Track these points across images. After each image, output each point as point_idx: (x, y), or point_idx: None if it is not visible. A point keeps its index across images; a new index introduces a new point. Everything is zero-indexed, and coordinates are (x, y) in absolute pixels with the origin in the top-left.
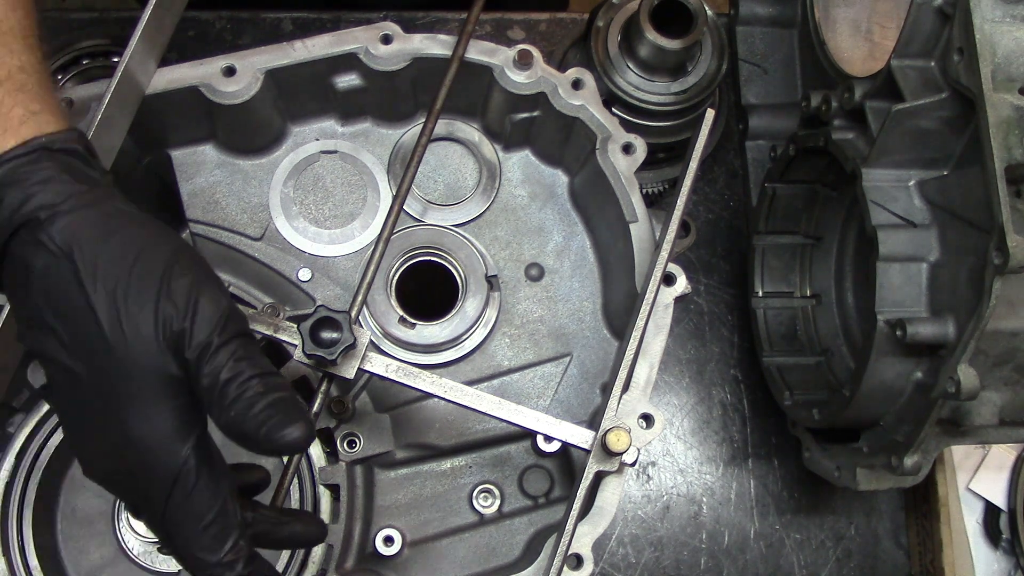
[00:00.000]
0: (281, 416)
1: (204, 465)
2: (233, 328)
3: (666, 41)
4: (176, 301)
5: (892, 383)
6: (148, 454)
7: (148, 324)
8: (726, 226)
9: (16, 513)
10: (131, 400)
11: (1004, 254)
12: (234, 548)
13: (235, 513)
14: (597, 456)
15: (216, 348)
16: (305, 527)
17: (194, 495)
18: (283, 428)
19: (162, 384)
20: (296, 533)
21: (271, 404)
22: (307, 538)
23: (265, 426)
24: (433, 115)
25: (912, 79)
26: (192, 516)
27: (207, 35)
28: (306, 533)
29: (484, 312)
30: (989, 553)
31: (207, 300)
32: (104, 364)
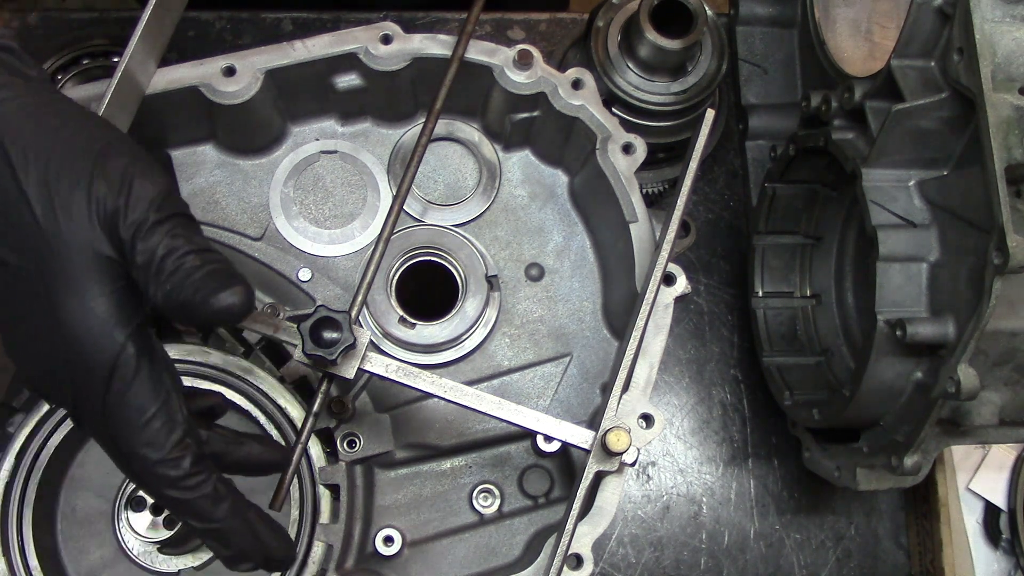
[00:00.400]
0: (218, 282)
1: (144, 356)
2: (170, 207)
3: (666, 41)
4: (110, 180)
5: (892, 383)
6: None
7: (81, 204)
8: (726, 226)
9: (16, 513)
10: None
11: (1004, 254)
12: (180, 444)
13: (180, 409)
14: (597, 456)
15: (152, 225)
16: (264, 449)
17: (134, 385)
18: (219, 292)
19: (97, 267)
20: (253, 455)
21: (208, 274)
22: (265, 461)
23: (201, 292)
24: (433, 115)
25: (912, 79)
26: (133, 409)
27: (207, 35)
28: (264, 456)
29: (484, 312)
30: (989, 553)
31: (143, 179)
32: (37, 250)
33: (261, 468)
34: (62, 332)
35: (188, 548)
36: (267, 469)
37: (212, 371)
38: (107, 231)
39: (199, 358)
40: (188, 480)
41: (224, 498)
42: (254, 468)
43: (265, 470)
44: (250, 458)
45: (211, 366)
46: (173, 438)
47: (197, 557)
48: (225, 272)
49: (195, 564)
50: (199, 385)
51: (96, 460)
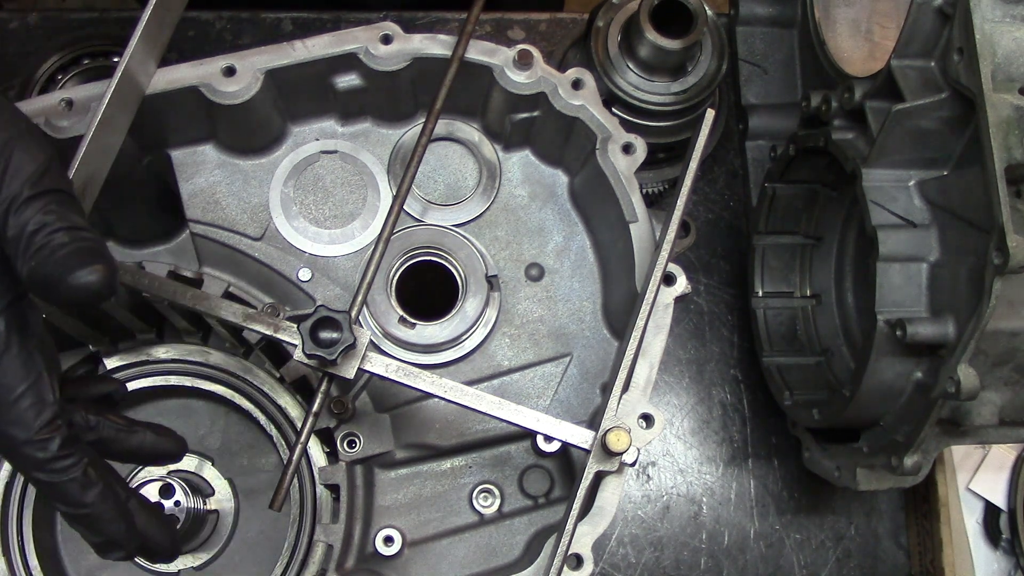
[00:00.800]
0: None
1: (15, 334)
2: (48, 183)
3: (666, 41)
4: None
5: (892, 383)
6: None
7: None
8: (726, 226)
9: (16, 513)
10: None
11: (1004, 254)
12: (49, 426)
13: (52, 391)
14: (597, 456)
15: (25, 200)
16: (157, 438)
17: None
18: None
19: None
20: (148, 442)
21: (72, 251)
22: (160, 450)
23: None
24: (433, 115)
25: (912, 79)
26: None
27: (207, 35)
28: (158, 444)
29: (484, 312)
30: (989, 553)
31: (22, 154)
32: None
33: (155, 457)
34: None
35: (188, 548)
36: (161, 458)
37: (212, 371)
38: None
39: (199, 358)
40: (56, 463)
41: (94, 483)
42: (147, 457)
43: (159, 459)
44: (143, 446)
45: (211, 366)
46: (42, 419)
47: (197, 557)
48: (90, 251)
49: (195, 564)
50: (159, 383)
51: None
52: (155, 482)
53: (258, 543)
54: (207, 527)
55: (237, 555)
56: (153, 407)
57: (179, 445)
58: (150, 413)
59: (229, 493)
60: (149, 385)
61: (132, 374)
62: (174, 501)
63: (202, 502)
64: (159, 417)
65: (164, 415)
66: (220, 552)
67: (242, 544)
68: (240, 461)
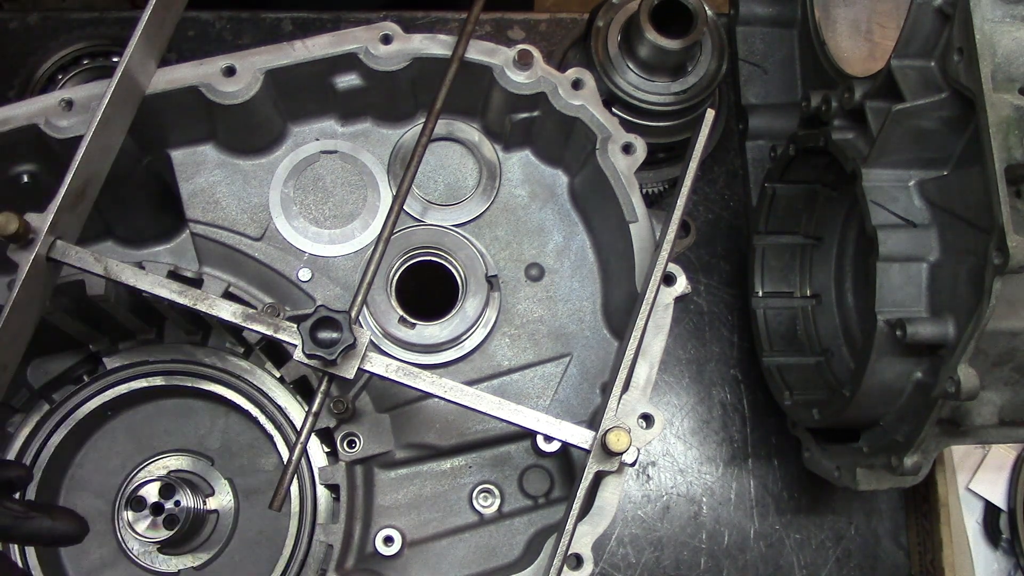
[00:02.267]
0: None
1: None
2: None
3: (666, 41)
4: None
5: (892, 383)
6: None
7: None
8: (726, 226)
9: None
10: None
11: (1004, 254)
12: None
13: None
14: (597, 456)
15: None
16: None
17: None
18: None
19: None
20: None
21: None
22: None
23: None
24: (433, 115)
25: (912, 79)
26: None
27: (207, 35)
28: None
29: (484, 312)
30: (989, 553)
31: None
32: None
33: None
34: None
35: (188, 548)
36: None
37: (212, 371)
38: None
39: (199, 358)
40: None
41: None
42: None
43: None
44: (41, 531)
45: (211, 366)
46: None
47: (197, 557)
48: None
49: (195, 564)
50: (159, 383)
51: (96, 460)
52: (155, 482)
53: (258, 543)
54: (207, 527)
55: (237, 555)
56: (153, 407)
57: (78, 527)
58: (150, 413)
59: (229, 493)
60: (149, 385)
61: (132, 374)
62: (174, 501)
63: (202, 502)
64: (159, 417)
65: (164, 415)
66: (220, 552)
67: (242, 544)
68: (240, 461)
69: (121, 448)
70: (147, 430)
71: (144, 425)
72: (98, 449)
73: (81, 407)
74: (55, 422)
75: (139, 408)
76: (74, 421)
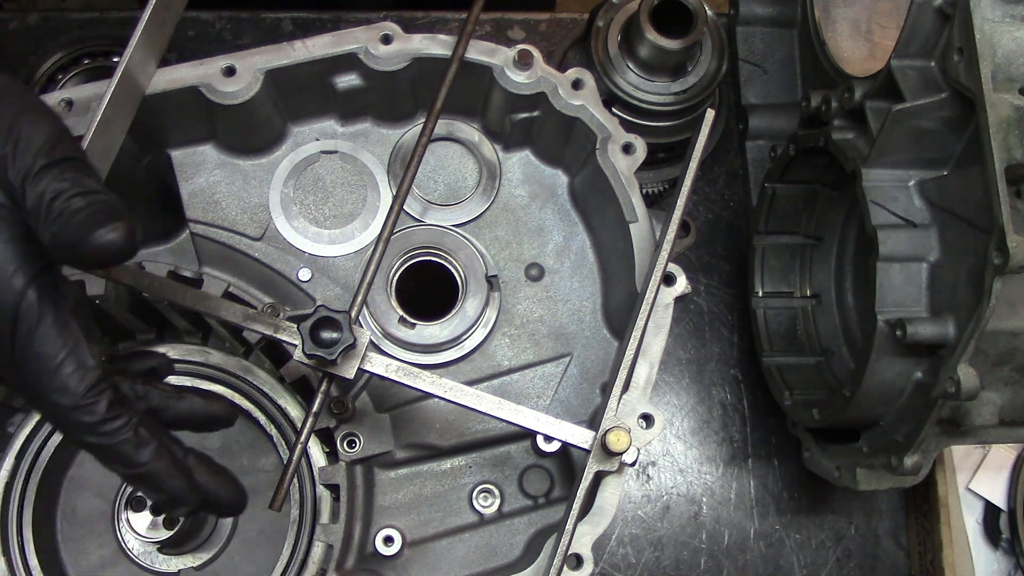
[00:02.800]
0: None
1: (48, 304)
2: (61, 152)
3: (666, 41)
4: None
5: (892, 383)
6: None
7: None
8: (726, 226)
9: (16, 513)
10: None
11: (1004, 254)
12: (93, 390)
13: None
14: (597, 456)
15: (40, 170)
16: (206, 402)
17: (39, 332)
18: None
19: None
20: (198, 407)
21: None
22: (209, 415)
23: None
24: (433, 115)
25: (912, 79)
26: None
27: (207, 35)
28: (207, 409)
29: (484, 312)
30: (989, 553)
31: (31, 126)
32: None
33: (206, 423)
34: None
35: (188, 548)
36: (212, 424)
37: (212, 371)
38: None
39: (199, 358)
40: (105, 425)
41: (148, 441)
42: (198, 423)
43: (210, 425)
44: (193, 412)
45: (211, 366)
46: (85, 383)
47: (197, 557)
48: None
49: (195, 564)
50: (200, 384)
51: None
52: None
53: (258, 543)
54: (207, 527)
55: (237, 555)
56: None
57: (229, 410)
58: None
59: None
60: None
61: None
62: None
63: None
64: None
65: None
66: (220, 552)
67: (242, 544)
68: (240, 461)
69: None
70: None
71: None
72: None
73: None
74: None
75: None
76: None
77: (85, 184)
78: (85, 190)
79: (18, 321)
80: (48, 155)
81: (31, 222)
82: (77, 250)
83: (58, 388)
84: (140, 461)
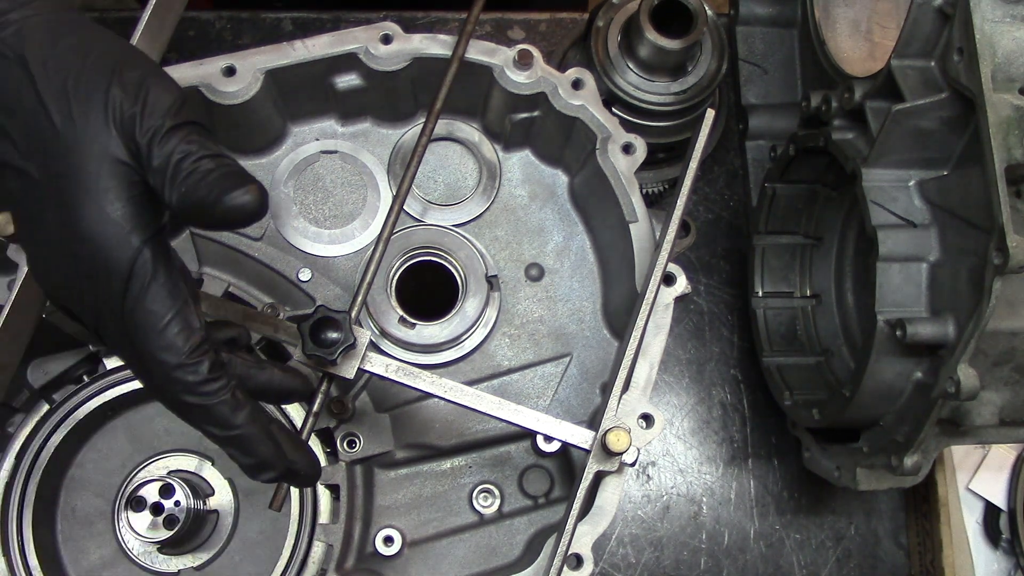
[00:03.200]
0: (233, 182)
1: (161, 263)
2: (187, 114)
3: (666, 41)
4: (127, 89)
5: (892, 383)
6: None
7: (98, 111)
8: (726, 226)
9: (16, 513)
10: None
11: (1004, 254)
12: (197, 350)
13: (197, 317)
14: (597, 456)
15: (168, 131)
16: (285, 375)
17: (151, 290)
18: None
19: (114, 173)
20: (275, 380)
21: (222, 175)
22: (287, 387)
23: (215, 192)
24: (433, 115)
25: (912, 79)
26: (150, 314)
27: (207, 35)
28: (286, 382)
29: (484, 312)
30: (989, 553)
31: (159, 88)
32: (56, 158)
33: (283, 394)
34: (81, 238)
35: (188, 548)
36: (289, 396)
37: None
38: (124, 137)
39: None
40: (206, 386)
41: (244, 405)
42: (276, 394)
43: (287, 397)
44: (272, 383)
45: None
46: (191, 343)
47: (197, 557)
48: (239, 174)
49: (195, 564)
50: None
51: (96, 460)
52: (155, 482)
53: (258, 543)
54: (207, 527)
55: (237, 555)
56: (153, 407)
57: (305, 383)
58: (150, 413)
59: (229, 493)
60: None
61: (132, 374)
62: (174, 501)
63: (202, 502)
64: (159, 417)
65: (164, 415)
66: (220, 552)
67: (242, 544)
68: None
69: (121, 448)
70: (147, 430)
71: (144, 425)
72: (98, 449)
73: (81, 407)
74: (55, 422)
75: (139, 408)
76: (74, 421)
77: (211, 148)
78: (213, 153)
79: (132, 278)
80: (176, 117)
81: (154, 182)
82: (208, 211)
83: (165, 346)
84: (236, 423)
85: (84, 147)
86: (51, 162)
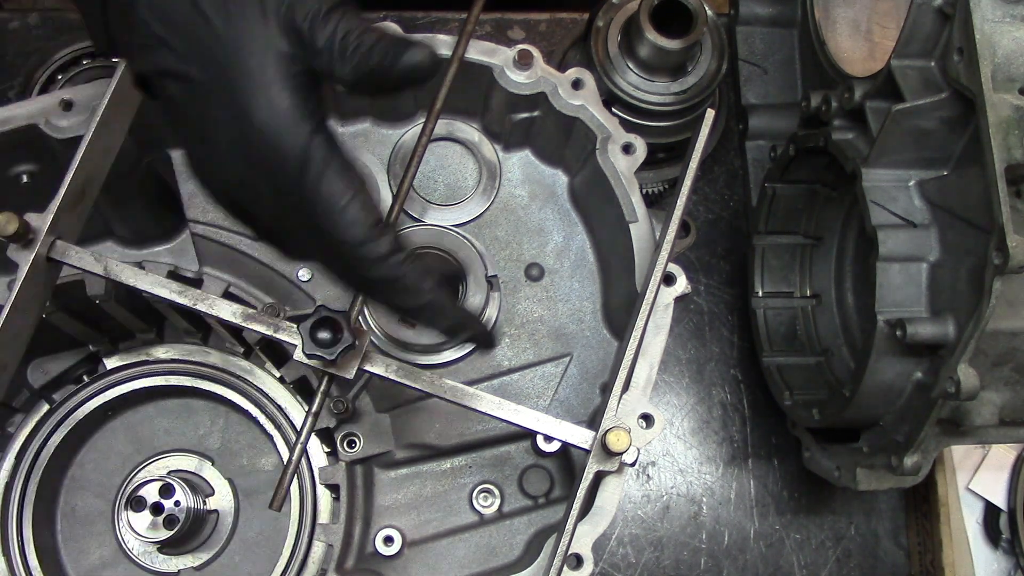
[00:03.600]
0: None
1: (334, 147)
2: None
3: (666, 41)
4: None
5: (892, 383)
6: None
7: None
8: (726, 226)
9: (16, 513)
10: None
11: (1004, 254)
12: (380, 225)
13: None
14: (597, 456)
15: (326, 13)
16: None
17: (328, 173)
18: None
19: (277, 63)
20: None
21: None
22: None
23: (388, 57)
24: (433, 115)
25: (912, 79)
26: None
27: None
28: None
29: (484, 312)
30: (989, 553)
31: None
32: (218, 58)
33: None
34: (253, 131)
35: (188, 548)
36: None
37: (212, 371)
38: (283, 27)
39: (199, 358)
40: (393, 257)
41: (432, 271)
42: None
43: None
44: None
45: (211, 366)
46: (372, 218)
47: (197, 557)
48: (405, 38)
49: (195, 564)
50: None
51: (96, 460)
52: (155, 482)
53: (258, 543)
54: (207, 527)
55: (237, 555)
56: (153, 407)
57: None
58: (150, 413)
59: (229, 493)
60: (149, 385)
61: (132, 374)
62: (174, 501)
63: (202, 502)
64: (159, 417)
65: (164, 415)
66: (220, 552)
67: (242, 544)
68: (240, 461)
69: (121, 448)
70: (147, 430)
71: (144, 425)
72: (98, 449)
73: (81, 407)
74: (55, 422)
75: (139, 408)
76: (74, 421)
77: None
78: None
79: (308, 162)
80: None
81: (321, 63)
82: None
83: (349, 222)
84: (427, 288)
85: (246, 44)
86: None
